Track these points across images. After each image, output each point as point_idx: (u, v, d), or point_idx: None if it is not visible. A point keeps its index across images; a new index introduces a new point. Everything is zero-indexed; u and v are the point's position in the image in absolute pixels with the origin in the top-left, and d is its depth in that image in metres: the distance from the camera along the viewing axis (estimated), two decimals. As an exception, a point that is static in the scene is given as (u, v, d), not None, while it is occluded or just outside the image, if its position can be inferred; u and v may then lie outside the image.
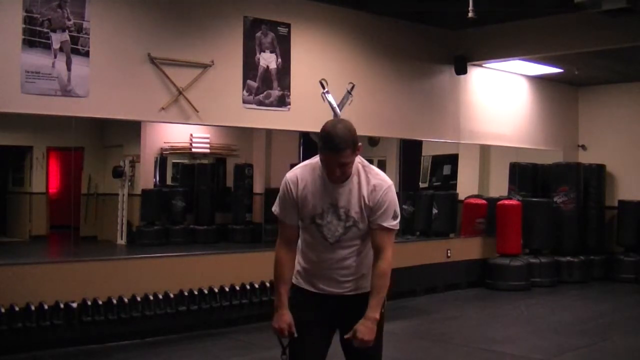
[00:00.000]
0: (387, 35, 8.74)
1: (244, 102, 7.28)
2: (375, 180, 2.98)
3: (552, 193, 10.61)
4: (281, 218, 3.05)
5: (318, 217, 2.98)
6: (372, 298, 2.93)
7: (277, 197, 3.08)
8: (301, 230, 3.07)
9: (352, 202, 2.96)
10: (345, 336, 2.93)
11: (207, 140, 11.23)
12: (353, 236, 2.99)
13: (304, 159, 3.21)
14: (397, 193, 3.07)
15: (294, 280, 3.13)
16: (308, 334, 3.01)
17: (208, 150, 11.39)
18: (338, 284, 3.04)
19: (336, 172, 2.90)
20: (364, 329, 2.88)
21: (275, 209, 3.09)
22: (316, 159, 3.01)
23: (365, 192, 2.95)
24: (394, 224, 2.98)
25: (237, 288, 6.91)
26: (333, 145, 2.84)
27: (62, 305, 5.82)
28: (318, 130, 2.94)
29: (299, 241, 3.10)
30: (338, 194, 2.97)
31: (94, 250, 10.42)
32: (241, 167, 11.31)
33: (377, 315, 2.92)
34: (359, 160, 3.01)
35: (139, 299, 6.27)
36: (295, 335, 2.98)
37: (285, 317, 2.98)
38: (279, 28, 7.55)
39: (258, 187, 11.05)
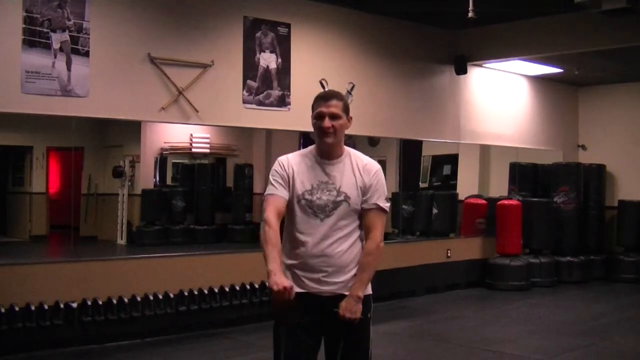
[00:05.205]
0: (387, 35, 8.74)
1: (244, 102, 7.29)
2: (367, 160, 3.09)
3: (552, 193, 10.61)
4: (273, 192, 2.99)
5: (308, 193, 2.99)
6: (357, 275, 2.96)
7: (269, 181, 3.05)
8: (288, 219, 3.02)
9: (345, 179, 3.00)
10: (335, 310, 2.88)
11: (207, 140, 11.23)
12: (343, 214, 2.97)
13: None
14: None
15: None
16: (297, 339, 2.92)
17: (208, 150, 11.40)
18: (325, 277, 2.94)
19: (328, 124, 2.95)
20: (346, 305, 2.89)
21: (266, 191, 3.01)
22: (308, 148, 3.11)
23: (358, 169, 3.03)
24: (387, 205, 3.04)
25: (237, 288, 6.91)
26: (324, 94, 3.06)
27: (62, 305, 5.82)
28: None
29: (283, 237, 3.01)
30: (330, 171, 3.01)
31: (94, 250, 10.42)
32: (241, 167, 11.32)
33: (360, 294, 2.92)
34: (348, 148, 3.10)
35: (139, 299, 6.28)
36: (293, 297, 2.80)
37: (284, 279, 2.80)
38: (279, 28, 7.56)
39: (258, 187, 11.06)
